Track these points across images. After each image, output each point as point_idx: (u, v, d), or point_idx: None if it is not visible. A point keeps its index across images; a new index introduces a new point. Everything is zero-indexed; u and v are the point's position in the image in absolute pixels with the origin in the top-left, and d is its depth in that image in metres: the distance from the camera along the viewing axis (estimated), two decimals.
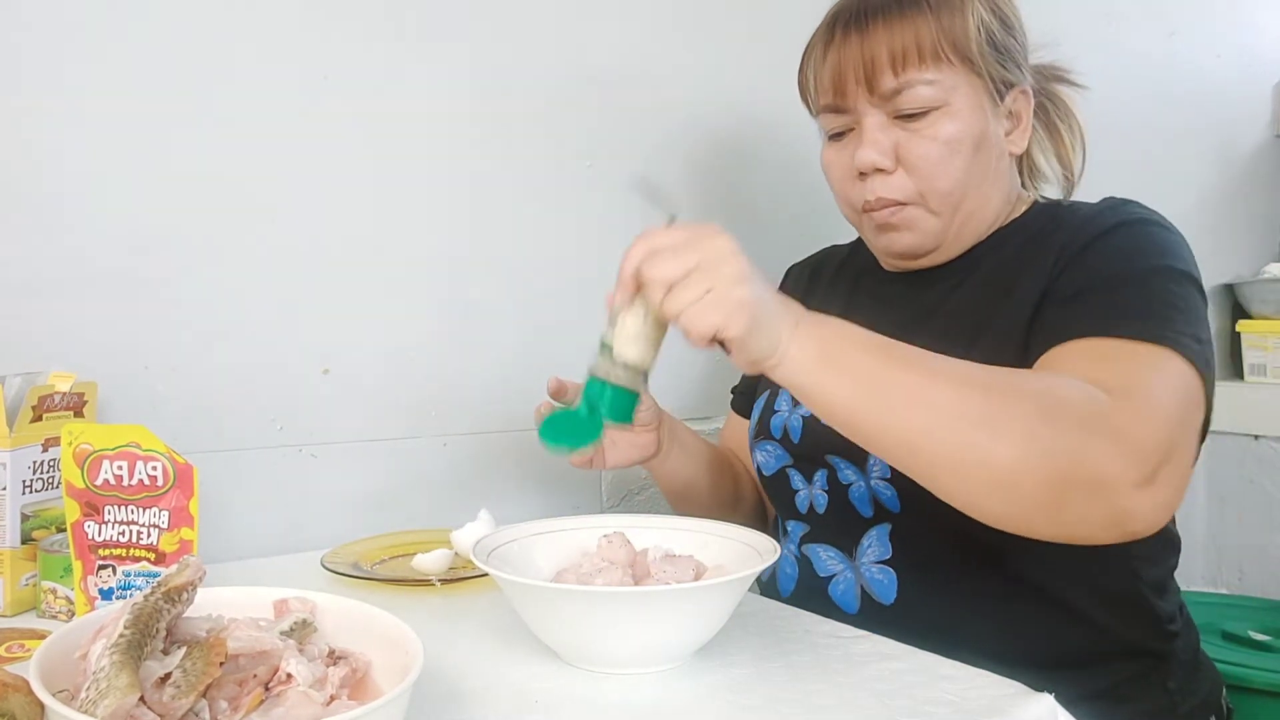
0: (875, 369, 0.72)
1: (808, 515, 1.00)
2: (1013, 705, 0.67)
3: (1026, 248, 0.94)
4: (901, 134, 0.92)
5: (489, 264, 1.23)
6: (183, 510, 0.80)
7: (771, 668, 0.74)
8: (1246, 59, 2.16)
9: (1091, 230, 0.89)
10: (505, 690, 0.70)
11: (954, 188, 0.93)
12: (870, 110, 0.93)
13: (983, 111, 0.93)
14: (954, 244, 0.98)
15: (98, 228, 1.01)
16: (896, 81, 0.91)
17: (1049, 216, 0.97)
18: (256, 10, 1.08)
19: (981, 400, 0.72)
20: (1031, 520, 0.74)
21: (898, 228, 0.96)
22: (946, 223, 0.95)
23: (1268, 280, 2.06)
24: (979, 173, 0.94)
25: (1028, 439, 0.71)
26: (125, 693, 0.49)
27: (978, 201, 0.95)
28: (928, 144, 0.92)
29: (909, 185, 0.93)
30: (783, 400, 1.04)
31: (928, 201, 0.94)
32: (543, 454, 1.14)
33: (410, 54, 1.17)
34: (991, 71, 0.93)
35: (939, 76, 0.91)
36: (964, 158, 0.92)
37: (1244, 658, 1.34)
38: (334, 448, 1.14)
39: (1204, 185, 2.10)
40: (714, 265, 0.68)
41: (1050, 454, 0.71)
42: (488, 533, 0.86)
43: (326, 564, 0.96)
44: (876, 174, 0.94)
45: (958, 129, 0.91)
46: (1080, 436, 0.72)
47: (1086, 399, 0.74)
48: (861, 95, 0.93)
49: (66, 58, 0.99)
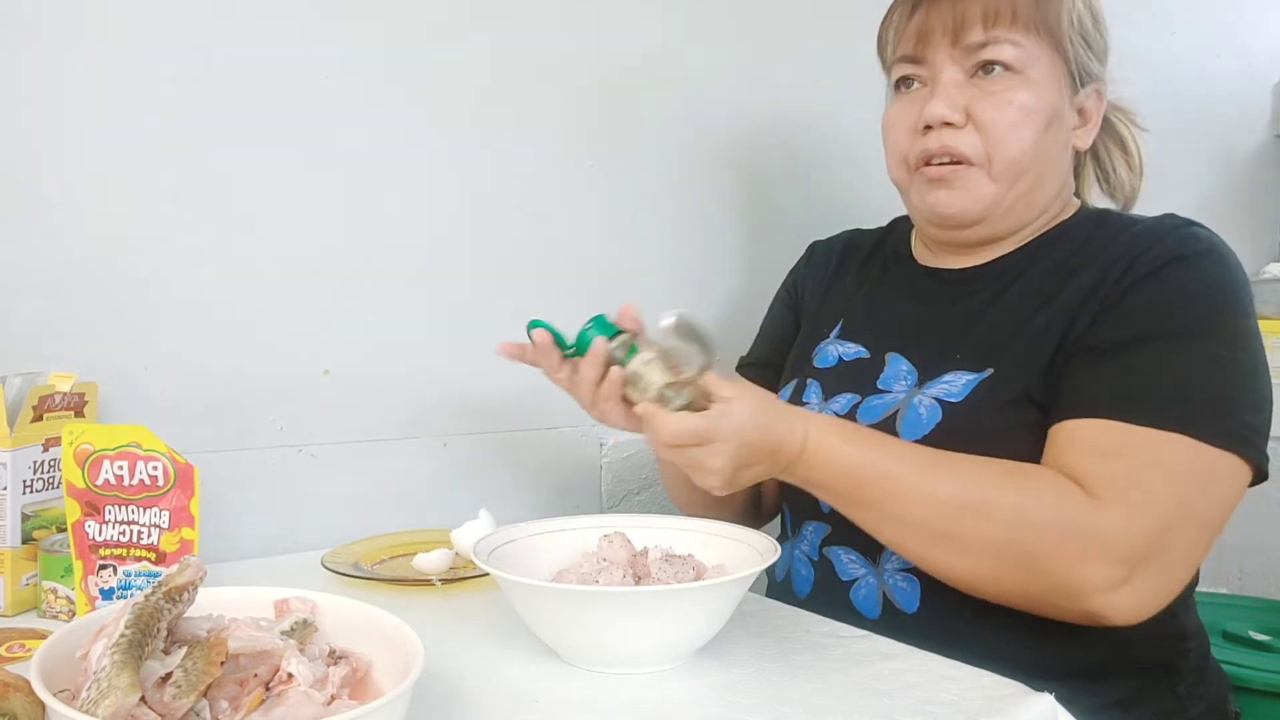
0: (854, 489, 0.83)
1: (830, 516, 0.97)
2: (1013, 705, 0.67)
3: (1073, 258, 0.92)
4: (976, 93, 0.92)
5: (489, 264, 1.23)
6: (183, 510, 0.80)
7: (771, 668, 0.74)
8: (1246, 59, 2.16)
9: (1147, 260, 0.86)
10: (505, 690, 0.70)
11: (1020, 156, 0.92)
12: (949, 65, 0.92)
13: (1059, 92, 0.93)
14: (999, 222, 0.96)
15: (98, 228, 1.01)
16: (985, 35, 0.90)
17: (1096, 224, 0.95)
18: (257, 11, 1.08)
19: (950, 517, 0.80)
20: (1012, 605, 0.83)
21: (952, 185, 0.94)
22: (1003, 193, 0.93)
23: (1268, 280, 2.06)
24: (1045, 150, 0.93)
25: (990, 555, 0.80)
26: (126, 692, 0.49)
27: (1036, 179, 0.94)
28: (1003, 106, 0.91)
29: (977, 143, 0.92)
30: (811, 393, 1.03)
31: (991, 165, 0.92)
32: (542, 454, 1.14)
33: (412, 55, 1.17)
34: (1075, 57, 0.93)
35: (1026, 42, 0.90)
36: (1035, 129, 0.91)
37: (1244, 658, 1.34)
38: (334, 448, 1.14)
39: (1204, 185, 2.10)
40: (702, 464, 0.79)
41: (1013, 565, 0.79)
42: (488, 532, 0.86)
43: (327, 564, 0.97)
44: (945, 128, 0.93)
45: (1033, 99, 0.91)
46: (1047, 546, 0.78)
47: (1059, 506, 0.78)
48: (944, 47, 0.92)
49: (67, 58, 0.99)
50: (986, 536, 0.79)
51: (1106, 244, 0.91)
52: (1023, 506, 0.79)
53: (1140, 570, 0.77)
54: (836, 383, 1.01)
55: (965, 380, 0.90)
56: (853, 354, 1.02)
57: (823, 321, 1.10)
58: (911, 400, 0.93)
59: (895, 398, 0.94)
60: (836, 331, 1.06)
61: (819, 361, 1.05)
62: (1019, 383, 0.87)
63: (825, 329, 1.08)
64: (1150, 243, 0.88)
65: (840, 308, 1.09)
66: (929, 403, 0.91)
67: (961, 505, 0.80)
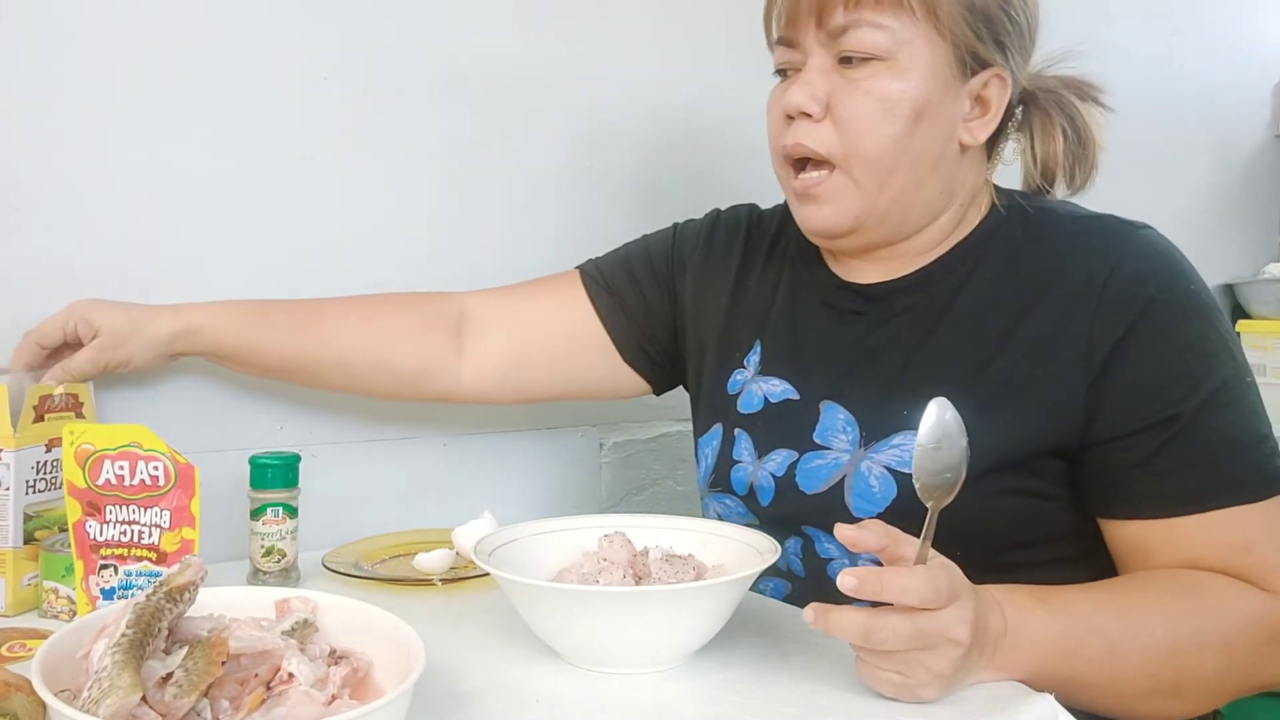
0: (1065, 676, 0.71)
1: (787, 574, 0.92)
2: (1013, 705, 0.68)
3: (1013, 275, 0.85)
4: (840, 82, 0.83)
5: (489, 264, 1.23)
6: (184, 510, 0.80)
7: (771, 668, 0.74)
8: (1246, 59, 2.16)
9: (1122, 307, 0.79)
10: (505, 689, 0.70)
11: (881, 155, 0.82)
12: (817, 49, 0.83)
13: (937, 80, 0.82)
14: (877, 229, 0.87)
15: (98, 228, 1.01)
16: (845, 18, 0.81)
17: (1020, 222, 0.88)
18: (258, 12, 1.08)
19: (1169, 669, 0.73)
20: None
21: (818, 199, 0.86)
22: (871, 199, 0.84)
23: (1268, 280, 2.06)
24: (915, 148, 0.83)
25: (1216, 690, 0.76)
26: (127, 692, 0.49)
27: (908, 183, 0.84)
28: (861, 98, 0.82)
29: (833, 140, 0.83)
30: (742, 447, 0.94)
31: (851, 166, 0.83)
32: (542, 454, 1.14)
33: (411, 56, 1.17)
34: (962, 38, 0.82)
35: (894, 24, 0.81)
36: (899, 124, 0.82)
37: None
38: (334, 448, 1.14)
39: (1204, 185, 2.10)
40: (919, 663, 0.65)
41: (1235, 689, 0.77)
42: (489, 532, 0.86)
43: (328, 564, 0.97)
44: (803, 119, 0.84)
45: (899, 89, 0.81)
46: (1264, 662, 0.76)
47: (1260, 617, 0.75)
48: (810, 29, 0.83)
49: (68, 58, 0.99)
50: (1206, 677, 0.74)
51: (1051, 257, 0.83)
52: (1229, 628, 0.74)
53: None
54: (767, 434, 0.92)
55: None
56: (779, 394, 0.93)
57: (733, 337, 0.99)
58: (858, 466, 0.85)
59: (839, 458, 0.87)
60: (757, 361, 0.96)
61: (743, 405, 0.95)
62: (988, 457, 0.77)
63: (738, 350, 0.98)
64: (1108, 270, 0.80)
65: (755, 322, 0.99)
66: (879, 472, 0.84)
67: (1175, 648, 0.73)
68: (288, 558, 0.93)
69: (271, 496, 0.93)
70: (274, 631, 0.61)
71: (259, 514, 0.93)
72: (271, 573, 0.93)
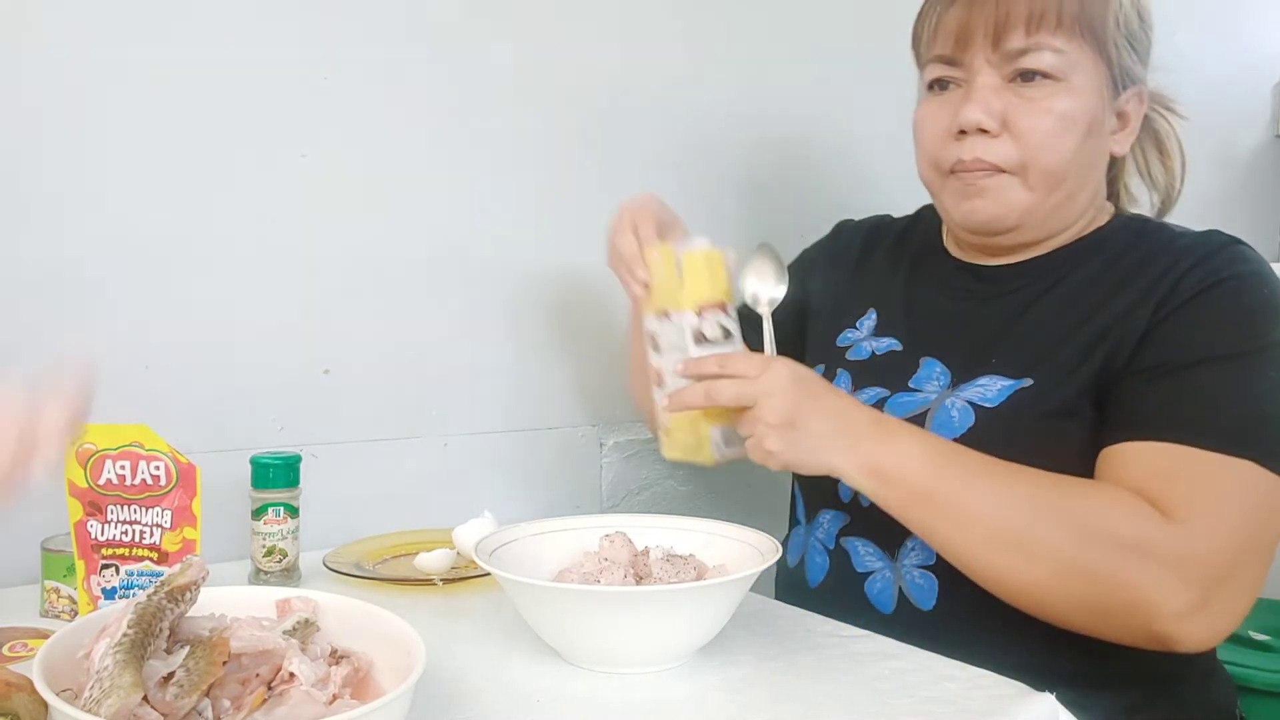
0: (922, 487, 0.79)
1: (849, 505, 0.95)
2: (1013, 705, 0.68)
3: (1113, 269, 0.90)
4: (1014, 100, 0.88)
5: (490, 264, 1.23)
6: (185, 510, 0.80)
7: (772, 668, 0.74)
8: (1246, 59, 2.16)
9: (1194, 279, 0.84)
10: (506, 689, 0.70)
11: (1059, 166, 0.89)
12: (986, 69, 0.89)
13: (1100, 97, 0.90)
14: (1034, 230, 0.93)
15: (98, 228, 1.01)
16: (1025, 41, 0.87)
17: (1135, 233, 0.94)
18: (259, 13, 1.08)
19: (1021, 523, 0.77)
20: (1070, 625, 0.79)
21: (985, 194, 0.91)
22: (1038, 202, 0.91)
23: None
24: (1085, 159, 0.90)
25: (1061, 564, 0.76)
26: (129, 692, 0.50)
27: (1073, 188, 0.91)
28: (1043, 115, 0.88)
29: (1012, 153, 0.89)
30: (841, 382, 1.01)
31: (1028, 175, 0.89)
32: (542, 454, 1.15)
33: (412, 56, 1.17)
34: (1118, 60, 0.90)
35: (1068, 48, 0.87)
36: (1075, 138, 0.88)
37: (1244, 658, 1.34)
38: (334, 448, 1.14)
39: (1204, 185, 2.09)
40: (762, 407, 0.80)
41: (1085, 579, 0.76)
42: (489, 532, 0.86)
43: (329, 563, 0.97)
44: (978, 134, 0.89)
45: (1074, 106, 0.88)
46: (1120, 563, 0.75)
47: (1136, 522, 0.75)
48: (983, 50, 0.89)
49: (68, 58, 0.99)
50: (1058, 546, 0.76)
51: (1148, 259, 0.89)
52: (1099, 517, 0.76)
53: (1215, 596, 0.75)
54: (866, 376, 0.99)
55: (1000, 386, 0.89)
56: (885, 348, 1.00)
57: (849, 306, 1.07)
58: (943, 402, 0.91)
59: (926, 397, 0.93)
60: (872, 325, 1.04)
61: (852, 354, 1.03)
62: (1059, 397, 0.85)
63: (852, 316, 1.06)
64: (1195, 261, 0.86)
65: (872, 296, 1.06)
66: (961, 405, 0.89)
67: (1035, 508, 0.77)
68: (289, 557, 0.93)
69: (273, 496, 0.93)
70: (275, 631, 0.61)
71: (260, 514, 0.93)
72: (273, 572, 0.93)
